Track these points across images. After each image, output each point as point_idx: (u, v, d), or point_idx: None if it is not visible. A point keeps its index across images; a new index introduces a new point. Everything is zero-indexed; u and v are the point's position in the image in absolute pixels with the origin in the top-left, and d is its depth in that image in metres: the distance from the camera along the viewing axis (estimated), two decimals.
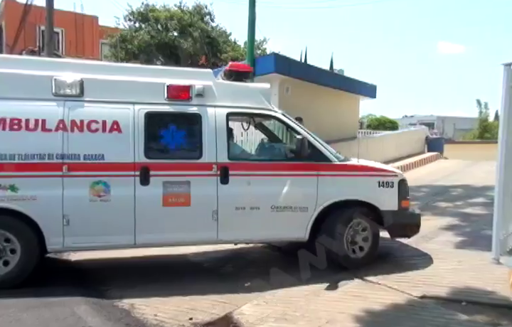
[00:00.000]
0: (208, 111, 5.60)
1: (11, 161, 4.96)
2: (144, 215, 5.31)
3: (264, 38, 29.84)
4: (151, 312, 4.51)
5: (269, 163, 5.94)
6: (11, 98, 5.08)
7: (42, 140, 5.06)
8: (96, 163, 5.18)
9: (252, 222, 5.60)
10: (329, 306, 4.50)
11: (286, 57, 13.99)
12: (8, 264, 5.04)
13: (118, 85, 5.48)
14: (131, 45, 27.95)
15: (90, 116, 5.24)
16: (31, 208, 5.01)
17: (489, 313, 4.14)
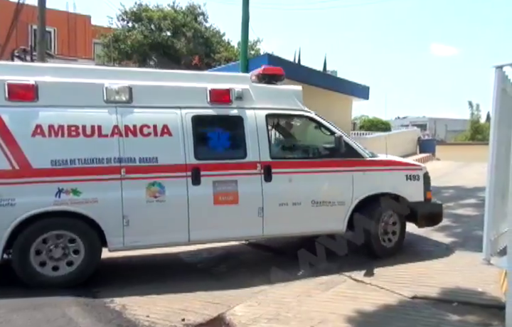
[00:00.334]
0: (248, 113, 5.92)
1: (72, 166, 5.14)
2: (196, 213, 5.56)
3: (258, 39, 29.93)
4: (142, 313, 4.48)
5: (308, 160, 6.28)
6: (67, 106, 5.28)
7: (99, 145, 5.29)
8: (151, 165, 5.42)
9: (295, 217, 5.92)
10: (321, 306, 4.50)
11: (280, 58, 14.03)
12: (72, 265, 5.22)
13: (163, 91, 5.76)
14: (124, 44, 27.87)
15: (142, 121, 5.48)
16: (93, 210, 5.20)
17: (480, 313, 4.17)
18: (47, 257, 5.12)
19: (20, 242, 5.01)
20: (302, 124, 6.77)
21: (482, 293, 4.63)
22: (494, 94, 4.38)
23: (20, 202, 4.95)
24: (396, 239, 6.32)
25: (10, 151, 4.97)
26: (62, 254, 5.18)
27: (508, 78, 4.67)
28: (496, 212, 4.43)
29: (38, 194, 5.03)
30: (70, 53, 28.77)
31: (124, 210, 5.31)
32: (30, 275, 5.06)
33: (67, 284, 5.07)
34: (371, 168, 6.29)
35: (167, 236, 5.58)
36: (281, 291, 5.01)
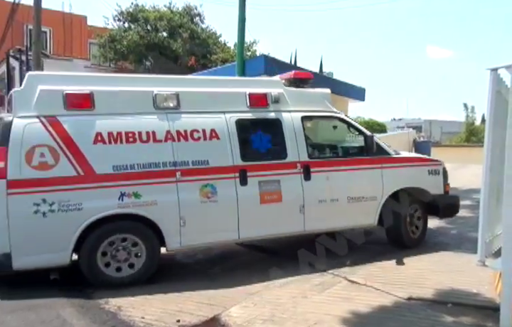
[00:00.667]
0: (285, 115, 6.27)
1: (132, 171, 5.40)
2: (245, 213, 5.84)
3: (254, 40, 29.85)
4: (137, 314, 4.47)
5: (342, 159, 6.69)
6: (121, 113, 5.55)
7: (155, 150, 5.56)
8: (203, 168, 5.71)
9: (333, 213, 6.30)
10: (316, 307, 4.51)
11: (276, 59, 14.03)
12: (134, 267, 5.45)
13: (208, 96, 6.08)
14: (120, 45, 27.78)
15: (191, 126, 5.77)
16: (153, 212, 5.44)
17: (475, 314, 4.19)
18: (111, 259, 5.34)
19: (88, 244, 5.23)
20: (331, 124, 7.13)
21: (477, 294, 4.64)
22: (489, 96, 4.40)
23: (87, 207, 5.17)
24: (420, 230, 6.85)
25: (75, 159, 5.21)
26: (125, 256, 5.40)
27: (503, 81, 4.70)
28: (490, 214, 4.45)
29: (102, 198, 5.26)
30: (66, 53, 28.67)
31: (180, 211, 5.54)
32: (96, 276, 5.30)
33: (129, 284, 5.27)
34: (398, 164, 6.74)
35: (219, 235, 5.86)
36: (276, 292, 5.02)
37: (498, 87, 4.51)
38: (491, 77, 4.37)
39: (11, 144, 5.00)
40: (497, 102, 4.44)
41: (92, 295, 5.09)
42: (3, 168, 4.95)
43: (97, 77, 6.66)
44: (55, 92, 5.31)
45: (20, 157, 5.00)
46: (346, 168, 6.44)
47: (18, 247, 4.98)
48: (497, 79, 4.46)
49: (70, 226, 5.12)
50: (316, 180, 6.19)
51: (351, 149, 6.87)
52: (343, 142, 7.08)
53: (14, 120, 5.11)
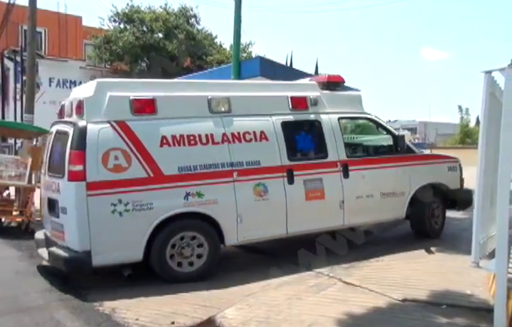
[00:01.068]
0: (323, 117, 6.68)
1: (195, 172, 5.73)
2: (292, 209, 6.21)
3: (250, 42, 29.86)
4: (132, 316, 4.46)
5: (376, 157, 7.22)
6: (180, 117, 5.84)
7: (214, 152, 5.90)
8: (255, 168, 6.07)
9: (368, 208, 6.73)
10: (312, 309, 4.51)
11: (272, 61, 14.00)
12: (198, 262, 5.73)
13: (255, 100, 6.46)
14: (115, 45, 27.75)
15: (243, 129, 6.13)
16: (214, 210, 5.78)
17: (469, 316, 4.20)
18: (178, 255, 5.64)
19: (159, 242, 5.51)
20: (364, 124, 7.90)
21: (471, 295, 4.66)
22: (483, 98, 4.41)
23: (157, 206, 5.47)
24: (440, 221, 7.44)
25: (145, 161, 5.51)
26: (190, 252, 5.68)
27: (497, 83, 4.72)
28: (484, 216, 4.46)
29: (170, 198, 5.58)
30: (61, 54, 28.59)
31: (237, 209, 5.89)
32: (166, 271, 5.58)
33: (194, 279, 5.57)
34: (423, 162, 7.37)
35: (270, 231, 6.21)
36: (271, 294, 5.01)
37: (492, 90, 4.53)
38: (485, 79, 4.38)
39: (88, 148, 5.25)
40: (491, 104, 4.46)
41: (87, 297, 5.07)
42: (83, 170, 5.21)
43: (157, 82, 7.01)
44: (123, 97, 5.60)
45: (97, 160, 5.27)
46: (379, 165, 6.93)
47: (97, 245, 5.22)
48: (491, 82, 4.47)
49: (143, 224, 5.43)
50: (354, 178, 6.61)
51: (382, 148, 7.52)
52: (374, 141, 7.79)
53: (88, 125, 5.34)
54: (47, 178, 6.01)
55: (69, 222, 5.31)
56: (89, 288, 5.32)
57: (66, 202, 5.34)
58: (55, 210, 5.59)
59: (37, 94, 16.80)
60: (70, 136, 5.38)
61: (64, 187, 5.37)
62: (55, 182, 5.62)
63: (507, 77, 3.99)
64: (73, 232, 5.27)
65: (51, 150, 6.01)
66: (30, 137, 11.23)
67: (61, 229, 5.45)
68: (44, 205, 6.21)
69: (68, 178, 5.28)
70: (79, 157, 5.24)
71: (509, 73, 3.96)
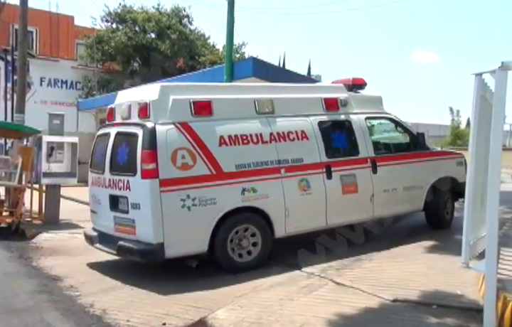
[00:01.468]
0: (353, 117, 7.24)
1: (249, 169, 6.16)
2: (331, 203, 6.70)
3: (243, 42, 29.82)
4: (123, 317, 4.44)
5: (399, 154, 7.72)
6: (232, 118, 6.27)
7: (264, 150, 6.33)
8: (299, 165, 6.52)
9: (393, 201, 7.31)
10: (303, 309, 4.51)
11: (264, 62, 14.05)
12: (252, 253, 6.15)
13: (294, 101, 6.97)
14: (107, 45, 27.56)
15: (287, 128, 6.58)
16: (266, 205, 6.22)
17: (458, 316, 4.23)
18: (236, 246, 6.06)
19: (221, 234, 5.90)
20: (386, 124, 8.37)
21: (461, 296, 4.68)
22: (474, 100, 4.47)
23: (219, 201, 5.89)
24: (450, 212, 8.09)
25: (207, 159, 5.91)
26: (247, 244, 6.12)
27: (488, 85, 4.77)
28: (475, 217, 4.51)
29: (230, 193, 6.01)
30: (52, 53, 28.37)
31: (285, 203, 6.32)
32: (228, 262, 5.99)
33: (251, 268, 5.96)
34: (437, 157, 8.07)
35: (312, 223, 6.66)
36: (263, 295, 5.01)
37: (483, 92, 4.59)
38: (475, 81, 4.44)
39: (159, 148, 5.64)
40: (481, 106, 4.51)
41: (77, 298, 5.04)
42: (156, 168, 5.59)
43: (211, 86, 7.43)
44: (184, 100, 6.01)
45: (167, 159, 5.66)
46: (402, 161, 7.52)
47: (169, 238, 5.60)
48: (482, 84, 4.53)
49: (208, 218, 5.83)
50: (381, 173, 7.18)
51: (401, 145, 8.05)
52: (395, 139, 8.34)
53: (157, 126, 5.71)
54: (108, 176, 6.24)
55: (142, 217, 5.67)
56: (80, 290, 5.28)
57: (139, 198, 5.69)
58: (119, 206, 5.97)
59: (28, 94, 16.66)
60: (139, 137, 5.72)
61: (136, 184, 5.72)
62: (122, 180, 5.94)
63: (497, 79, 4.02)
64: (148, 226, 5.62)
65: (112, 150, 6.25)
66: (20, 137, 11.14)
67: (131, 224, 5.79)
68: (98, 202, 6.54)
69: (142, 176, 5.64)
70: (151, 156, 5.61)
71: (499, 76, 4.00)
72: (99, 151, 6.69)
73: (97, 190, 6.55)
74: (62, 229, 9.38)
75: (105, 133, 6.64)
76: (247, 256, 6.12)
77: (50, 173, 10.05)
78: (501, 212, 6.34)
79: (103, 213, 6.40)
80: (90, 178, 6.79)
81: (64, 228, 9.47)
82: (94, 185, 6.67)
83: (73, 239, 8.47)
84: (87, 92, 28.20)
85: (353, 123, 7.19)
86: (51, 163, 10.09)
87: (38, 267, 6.51)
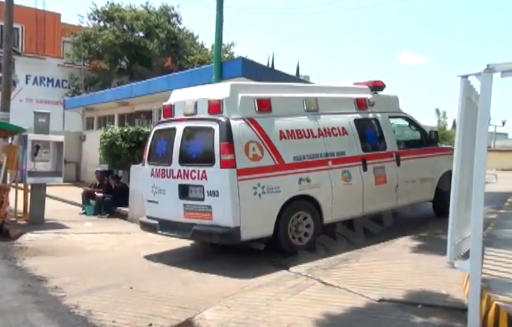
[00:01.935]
0: (379, 115, 8.18)
1: (304, 161, 6.89)
2: (367, 192, 7.56)
3: (232, 42, 29.84)
4: (109, 318, 4.39)
5: (416, 149, 8.65)
6: (287, 115, 7.03)
7: (314, 144, 7.10)
8: (342, 157, 7.32)
9: (412, 191, 8.25)
10: (290, 310, 4.51)
11: (253, 62, 14.03)
12: (306, 236, 6.87)
13: (333, 100, 7.81)
14: (95, 44, 27.31)
15: (330, 125, 7.39)
16: (317, 194, 6.97)
17: (443, 315, 4.27)
18: (295, 231, 6.76)
19: (284, 219, 6.59)
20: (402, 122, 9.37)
21: (446, 295, 4.73)
22: (460, 102, 4.49)
23: (282, 189, 6.59)
24: None
25: (272, 152, 6.60)
26: (302, 228, 6.83)
27: (473, 87, 4.82)
28: (460, 217, 4.54)
29: (290, 182, 6.70)
30: (38, 51, 28.03)
31: (332, 192, 7.10)
32: (289, 244, 6.68)
33: (306, 249, 6.62)
34: (444, 152, 8.87)
35: (351, 211, 7.45)
36: (250, 295, 5.00)
37: (469, 94, 4.62)
38: (461, 83, 4.46)
39: (235, 140, 6.29)
40: (467, 108, 4.54)
41: (62, 299, 4.97)
42: (233, 159, 6.23)
43: (268, 85, 7.95)
44: (250, 98, 6.72)
45: (241, 150, 6.32)
46: (419, 156, 8.42)
47: (244, 222, 6.23)
48: (467, 86, 4.56)
49: (274, 205, 6.51)
50: (403, 166, 8.10)
51: (417, 141, 8.95)
52: (411, 136, 9.27)
53: (231, 121, 6.34)
54: (177, 167, 6.71)
55: (221, 204, 6.25)
56: (65, 291, 5.22)
57: (218, 186, 6.26)
58: (191, 194, 6.53)
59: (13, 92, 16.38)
60: (215, 130, 6.30)
61: (215, 174, 6.27)
62: (195, 170, 6.46)
63: (482, 81, 4.07)
64: (227, 212, 6.20)
65: (181, 143, 6.76)
66: (5, 136, 10.96)
67: (207, 211, 6.35)
68: (161, 192, 6.98)
69: (221, 166, 6.22)
70: (229, 148, 6.23)
71: (484, 78, 4.04)
72: (161, 145, 7.19)
73: (161, 181, 6.96)
74: (47, 229, 9.27)
75: (168, 128, 7.11)
76: (304, 238, 6.81)
77: (36, 172, 9.94)
78: (486, 213, 6.41)
79: (169, 202, 6.84)
80: (149, 171, 7.22)
81: (49, 228, 9.36)
82: (156, 176, 7.07)
83: (58, 240, 8.38)
84: (73, 90, 27.92)
85: (380, 120, 8.11)
86: (36, 162, 9.98)
87: (23, 268, 6.41)
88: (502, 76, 4.03)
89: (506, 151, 25.78)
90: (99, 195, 12.00)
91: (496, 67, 3.99)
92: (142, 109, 18.55)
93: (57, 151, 10.38)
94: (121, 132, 12.56)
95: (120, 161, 12.46)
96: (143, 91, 17.17)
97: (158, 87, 16.35)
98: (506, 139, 50.70)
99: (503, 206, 8.53)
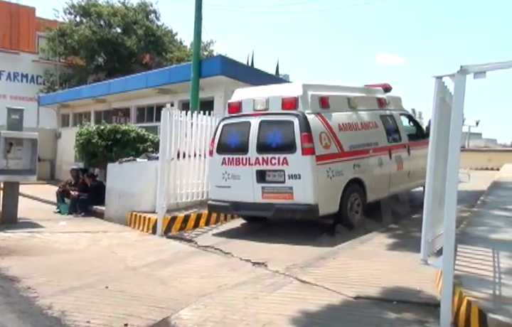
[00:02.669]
0: (394, 112, 9.72)
1: (355, 149, 8.20)
2: (392, 177, 8.98)
3: (211, 40, 29.71)
4: (83, 319, 4.30)
5: (417, 141, 9.89)
6: (339, 111, 8.31)
7: (360, 135, 8.45)
8: (377, 147, 8.68)
9: (418, 177, 9.23)
10: (268, 308, 4.52)
11: (233, 60, 14.02)
12: (358, 213, 8.08)
13: (362, 99, 9.15)
14: (70, 39, 26.79)
15: (366, 119, 8.81)
16: (365, 177, 8.26)
17: (417, 311, 4.35)
18: (351, 208, 7.94)
19: (345, 198, 7.84)
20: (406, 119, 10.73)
21: (420, 291, 4.83)
22: (434, 103, 4.58)
23: (344, 173, 7.89)
24: None
25: (336, 141, 7.87)
26: (356, 207, 8.01)
27: (447, 88, 4.92)
28: (433, 215, 4.63)
29: (348, 168, 8.01)
30: (12, 46, 27.36)
31: (373, 176, 8.43)
32: (348, 220, 7.88)
33: (358, 225, 7.86)
34: None
35: (383, 193, 8.76)
36: (228, 294, 4.99)
37: (443, 95, 4.72)
38: (436, 84, 4.54)
39: (312, 131, 7.50)
40: (441, 109, 4.64)
41: (35, 300, 4.85)
42: (312, 147, 7.43)
43: (321, 85, 8.80)
44: (316, 95, 7.99)
45: (317, 140, 7.54)
46: (421, 147, 9.28)
47: (321, 200, 7.45)
48: (441, 87, 4.65)
49: (340, 186, 7.79)
50: (412, 155, 9.52)
51: (418, 135, 10.23)
52: (412, 130, 10.43)
53: (307, 115, 7.57)
54: (254, 155, 7.79)
55: (302, 185, 7.40)
56: (39, 292, 5.09)
57: (300, 170, 7.41)
58: (268, 178, 7.66)
59: None
60: (295, 123, 7.48)
61: (296, 160, 7.43)
62: (275, 157, 7.57)
63: (456, 82, 4.16)
64: (308, 191, 7.39)
65: (259, 134, 7.81)
66: None
67: (288, 191, 7.48)
68: (235, 177, 8.00)
69: (302, 153, 7.40)
70: (309, 137, 7.43)
71: (458, 79, 4.13)
72: (233, 137, 8.21)
73: (235, 168, 8.01)
74: (20, 228, 9.05)
75: (240, 122, 8.18)
76: (356, 215, 7.95)
77: (8, 170, 9.69)
78: (459, 211, 6.56)
79: (244, 186, 7.87)
80: (219, 160, 8.24)
81: (22, 227, 9.14)
82: (228, 164, 8.08)
83: (32, 239, 8.19)
84: (48, 86, 27.35)
85: (395, 117, 9.58)
86: (9, 160, 9.74)
87: None
88: (475, 77, 4.12)
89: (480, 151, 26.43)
90: (75, 193, 11.79)
91: (468, 69, 4.09)
92: (119, 107, 18.30)
93: (31, 148, 10.14)
94: (97, 130, 12.36)
95: (96, 158, 12.26)
96: (120, 88, 16.95)
97: (136, 84, 16.17)
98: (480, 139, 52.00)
99: (475, 204, 8.72)
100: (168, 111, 9.25)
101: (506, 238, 6.13)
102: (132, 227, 9.51)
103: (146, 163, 10.27)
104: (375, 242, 7.09)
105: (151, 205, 9.45)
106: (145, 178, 9.82)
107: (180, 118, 9.63)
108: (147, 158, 10.58)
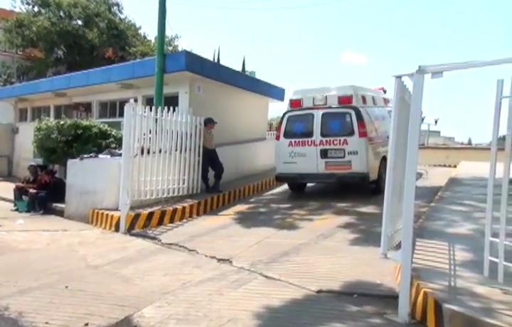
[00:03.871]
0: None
1: (382, 135, 10.82)
2: None
3: (176, 35, 29.36)
4: (42, 320, 4.18)
5: None
6: (370, 106, 11.10)
7: (382, 125, 11.09)
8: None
9: None
10: (232, 304, 4.54)
11: (198, 56, 13.85)
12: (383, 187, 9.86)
13: (378, 99, 12.04)
14: (29, 30, 25.80)
15: (381, 114, 11.55)
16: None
17: (377, 303, 4.49)
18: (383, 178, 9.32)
19: (381, 170, 10.37)
20: None
21: (380, 284, 4.98)
22: (394, 101, 4.72)
23: (380, 150, 10.71)
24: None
25: (374, 128, 10.75)
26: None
27: (407, 87, 5.07)
28: (393, 211, 4.79)
29: (380, 147, 10.73)
30: None
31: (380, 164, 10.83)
32: (380, 185, 9.75)
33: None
34: None
35: None
36: (192, 291, 4.97)
37: (402, 94, 4.86)
38: (395, 83, 4.68)
39: (364, 120, 10.28)
40: (401, 107, 4.79)
41: None
42: (365, 131, 10.22)
43: (359, 87, 11.22)
44: (360, 95, 10.65)
45: (367, 126, 10.29)
46: None
47: (370, 170, 10.23)
48: (401, 86, 4.80)
49: (378, 159, 10.61)
50: None
51: None
52: None
53: (359, 109, 10.35)
54: (319, 138, 10.51)
55: (359, 159, 10.11)
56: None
57: (356, 148, 10.13)
58: (330, 154, 10.36)
59: None
60: (353, 114, 10.24)
61: (354, 140, 10.14)
62: (337, 139, 10.29)
63: (414, 82, 4.30)
64: (362, 164, 10.11)
65: (322, 123, 10.49)
66: None
67: (347, 164, 10.18)
68: (301, 155, 10.68)
69: (359, 136, 10.13)
70: (363, 125, 10.21)
71: (416, 78, 4.27)
72: (297, 125, 10.84)
73: (301, 149, 10.68)
74: None
75: (303, 114, 10.83)
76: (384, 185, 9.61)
77: None
78: (417, 206, 6.80)
79: (309, 161, 10.53)
80: (286, 143, 10.89)
81: None
82: (294, 146, 10.78)
83: None
84: (5, 79, 26.24)
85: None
86: None
87: None
88: (432, 77, 4.27)
89: (438, 148, 27.44)
90: (33, 190, 11.38)
91: (426, 69, 4.23)
92: (80, 101, 17.77)
93: None
94: (57, 125, 11.98)
95: (56, 155, 11.89)
96: (82, 82, 16.45)
97: (98, 79, 15.73)
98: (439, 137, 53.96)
99: (433, 200, 9.05)
100: (132, 106, 9.09)
101: (462, 232, 6.40)
102: (94, 225, 9.29)
103: (108, 159, 10.06)
104: (338, 238, 7.23)
105: (113, 203, 9.27)
106: (107, 174, 9.61)
107: (145, 113, 9.50)
108: (110, 154, 10.36)
